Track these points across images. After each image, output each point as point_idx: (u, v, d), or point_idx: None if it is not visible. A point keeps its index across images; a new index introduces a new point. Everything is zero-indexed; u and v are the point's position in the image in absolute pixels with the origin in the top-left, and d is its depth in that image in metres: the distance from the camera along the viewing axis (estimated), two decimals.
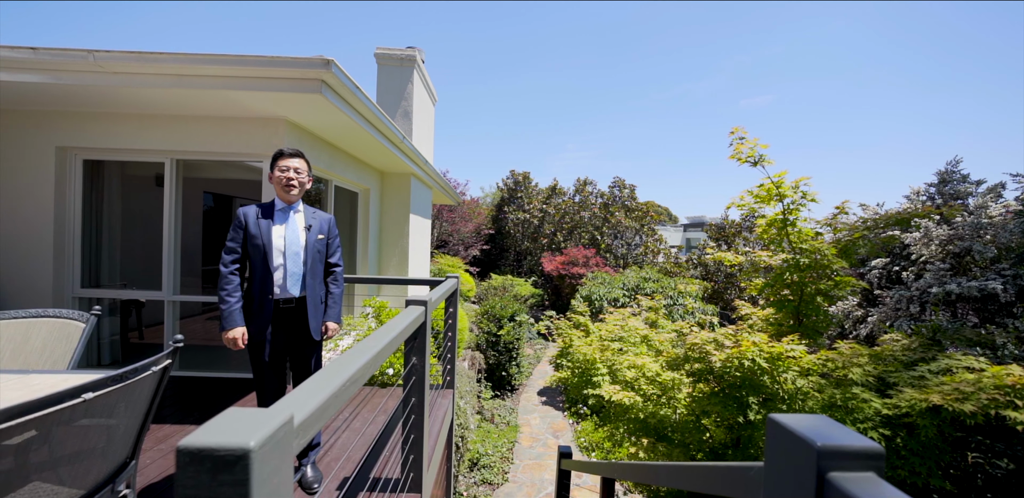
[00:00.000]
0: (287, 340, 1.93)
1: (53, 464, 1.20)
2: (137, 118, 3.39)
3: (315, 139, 3.90)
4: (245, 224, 1.85)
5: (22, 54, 2.59)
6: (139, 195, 4.68)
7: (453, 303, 3.15)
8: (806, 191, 2.60)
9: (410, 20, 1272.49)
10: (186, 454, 0.55)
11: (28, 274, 3.41)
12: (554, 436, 5.48)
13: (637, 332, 3.56)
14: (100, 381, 1.16)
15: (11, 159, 3.39)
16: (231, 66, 2.64)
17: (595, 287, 8.46)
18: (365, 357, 1.05)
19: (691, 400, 2.46)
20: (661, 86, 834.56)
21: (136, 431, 1.43)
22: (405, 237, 5.96)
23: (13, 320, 1.91)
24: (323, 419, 0.79)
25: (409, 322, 1.56)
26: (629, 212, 14.72)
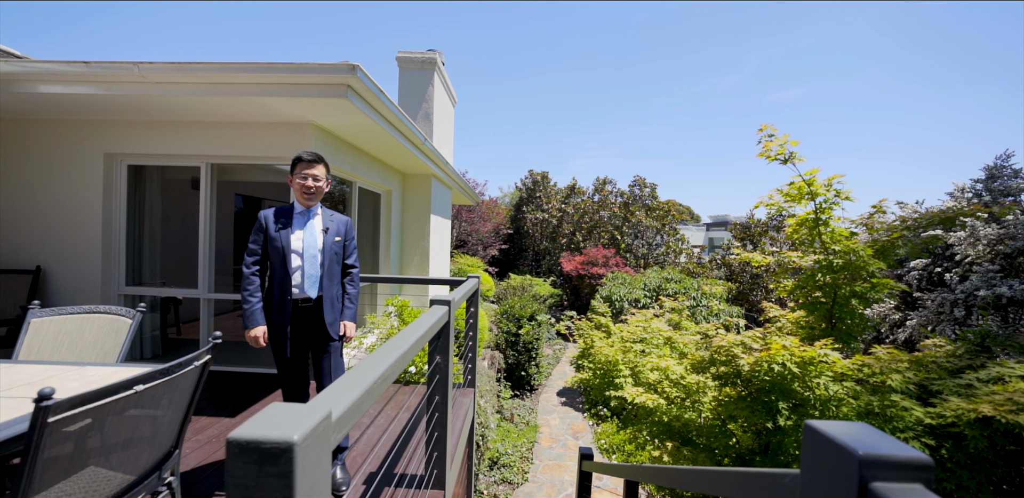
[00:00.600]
0: (307, 339, 1.99)
1: (106, 451, 1.28)
2: (176, 125, 3.57)
3: (340, 142, 4.01)
4: (265, 227, 1.93)
5: (76, 68, 2.77)
6: (176, 198, 4.93)
7: (474, 303, 3.19)
8: (840, 189, 2.49)
9: (427, 21, 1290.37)
10: (235, 446, 0.58)
11: (79, 272, 3.64)
12: (574, 437, 5.45)
13: (660, 334, 3.50)
14: (149, 374, 1.23)
15: (64, 165, 3.63)
16: (262, 73, 2.74)
17: (615, 287, 8.36)
18: (395, 355, 1.08)
19: (717, 404, 2.40)
20: (685, 81, 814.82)
21: (180, 422, 1.51)
22: (426, 237, 6.05)
23: (70, 315, 2.05)
24: (357, 415, 0.82)
25: (434, 321, 1.59)
26: (650, 211, 14.46)
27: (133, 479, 1.36)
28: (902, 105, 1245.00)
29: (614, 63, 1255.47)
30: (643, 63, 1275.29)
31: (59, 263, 3.64)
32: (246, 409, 2.92)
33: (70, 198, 3.63)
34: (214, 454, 2.33)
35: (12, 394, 1.41)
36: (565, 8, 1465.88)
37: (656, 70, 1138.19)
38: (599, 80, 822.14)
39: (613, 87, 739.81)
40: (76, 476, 1.18)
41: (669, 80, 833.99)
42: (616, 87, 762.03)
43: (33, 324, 1.99)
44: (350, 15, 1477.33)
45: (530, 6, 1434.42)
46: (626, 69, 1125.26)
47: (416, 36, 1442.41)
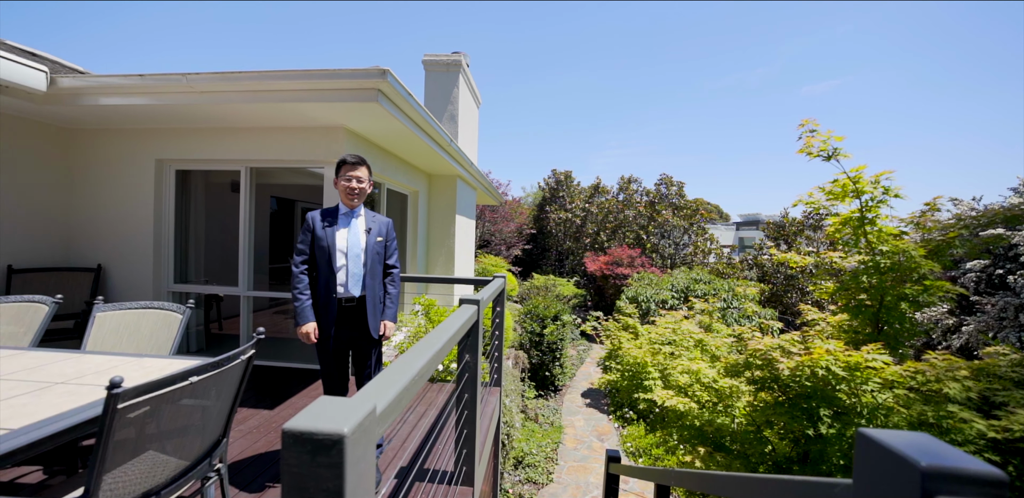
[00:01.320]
0: (349, 337, 2.06)
1: (162, 437, 1.37)
2: (219, 131, 3.78)
3: (369, 145, 4.12)
4: (312, 228, 2.01)
5: (132, 80, 2.98)
6: (218, 200, 5.21)
7: (500, 302, 3.21)
8: (888, 186, 2.33)
9: (451, 21, 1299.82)
10: (289, 436, 0.62)
11: (134, 270, 3.91)
12: (599, 439, 5.39)
13: (691, 336, 3.41)
14: (202, 366, 1.32)
15: (121, 171, 3.91)
16: (298, 80, 2.86)
17: (641, 288, 8.20)
18: (430, 353, 1.11)
19: (752, 409, 2.31)
20: (712, 76, 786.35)
21: (227, 412, 1.60)
22: (451, 237, 6.13)
23: (129, 311, 2.21)
24: (398, 410, 0.85)
25: (464, 320, 1.61)
26: (677, 210, 14.09)
27: (187, 464, 1.45)
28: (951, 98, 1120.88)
29: (637, 60, 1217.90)
30: (668, 59, 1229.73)
31: (117, 261, 3.93)
32: (284, 402, 3.05)
33: (126, 201, 3.91)
34: (255, 444, 2.45)
35: (83, 382, 1.54)
36: (589, 7, 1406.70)
37: (682, 65, 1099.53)
38: (623, 78, 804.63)
39: (637, 84, 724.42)
40: (138, 459, 1.28)
41: (695, 75, 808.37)
42: (640, 84, 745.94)
43: (98, 318, 2.16)
44: (374, 16, 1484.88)
45: (554, 6, 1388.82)
46: (650, 66, 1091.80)
47: (439, 37, 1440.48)
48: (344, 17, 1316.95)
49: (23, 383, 1.50)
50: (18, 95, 3.04)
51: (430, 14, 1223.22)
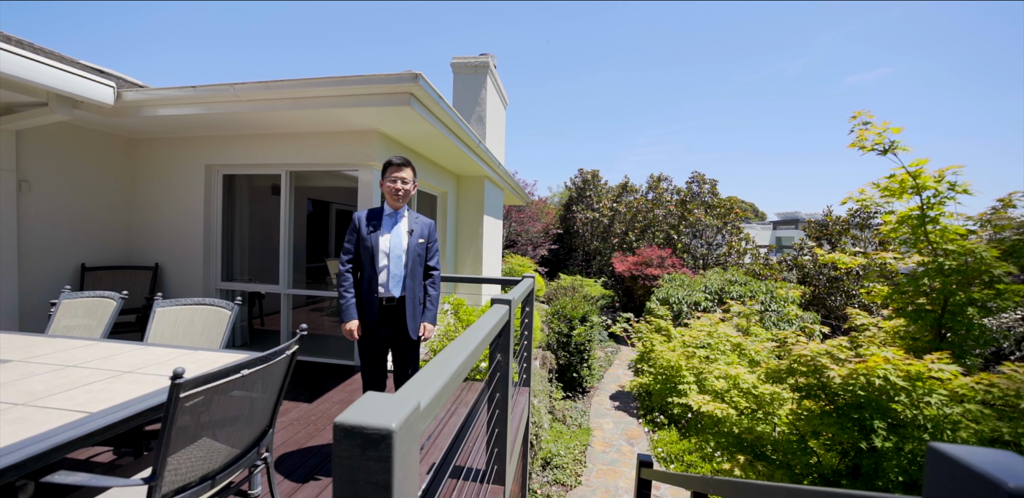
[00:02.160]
0: (389, 336, 2.11)
1: (215, 426, 1.45)
2: (261, 138, 3.98)
3: (401, 147, 4.22)
4: (358, 228, 2.07)
5: (185, 92, 3.19)
6: (259, 203, 5.48)
7: (530, 303, 3.20)
8: (954, 182, 2.14)
9: (477, 22, 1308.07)
10: (341, 429, 0.64)
11: (186, 269, 4.19)
12: (628, 443, 5.28)
13: (728, 339, 3.27)
14: (252, 360, 1.39)
15: (174, 177, 4.20)
16: (335, 86, 2.96)
17: (672, 289, 7.96)
18: (467, 352, 1.12)
19: (795, 418, 2.19)
20: (747, 67, 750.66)
21: (273, 404, 1.68)
22: (479, 237, 6.18)
23: (184, 306, 2.37)
24: (438, 407, 0.86)
25: (497, 320, 1.62)
26: (710, 209, 13.60)
27: (237, 452, 1.53)
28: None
29: (667, 55, 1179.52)
30: (698, 53, 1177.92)
31: (172, 260, 4.22)
32: (321, 396, 3.18)
33: (179, 205, 4.19)
34: (296, 435, 2.56)
35: (147, 371, 1.66)
36: (616, 7, 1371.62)
37: (713, 59, 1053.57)
38: (651, 76, 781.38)
39: (666, 81, 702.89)
40: (195, 445, 1.36)
41: (728, 68, 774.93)
42: (669, 80, 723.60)
43: (158, 312, 2.33)
44: (400, 16, 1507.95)
45: (580, 6, 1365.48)
46: (680, 60, 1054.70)
47: (466, 38, 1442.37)
48: (369, 16, 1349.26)
49: (98, 371, 1.64)
50: (90, 109, 3.32)
51: (457, 14, 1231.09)
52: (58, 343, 2.00)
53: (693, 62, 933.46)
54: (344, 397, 3.15)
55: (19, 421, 1.21)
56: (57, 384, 1.50)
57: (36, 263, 3.55)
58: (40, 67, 2.74)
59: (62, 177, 3.72)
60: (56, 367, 1.67)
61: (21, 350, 1.86)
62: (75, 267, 3.82)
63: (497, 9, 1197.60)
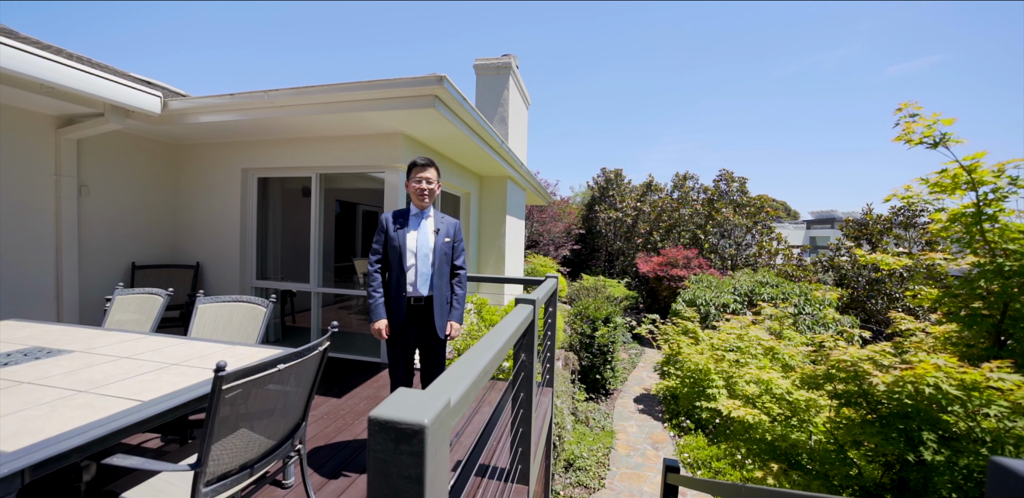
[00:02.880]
0: (416, 334, 2.14)
1: (252, 417, 1.52)
2: (293, 141, 4.14)
3: (425, 149, 4.30)
4: (386, 228, 2.12)
5: (224, 100, 3.36)
6: (291, 204, 5.70)
7: (553, 303, 3.19)
8: (1016, 176, 1.96)
9: (498, 22, 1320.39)
10: (375, 423, 0.66)
11: (224, 268, 4.41)
12: (653, 447, 5.17)
13: (759, 343, 3.14)
14: (288, 355, 1.45)
15: (213, 180, 4.43)
16: (363, 91, 3.05)
17: (700, 291, 7.74)
18: (493, 350, 1.13)
19: (834, 426, 2.08)
20: (780, 61, 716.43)
21: (305, 398, 1.75)
22: (502, 238, 6.21)
23: (223, 303, 2.49)
24: (467, 404, 0.87)
25: (522, 320, 1.62)
26: (739, 208, 13.14)
27: (273, 444, 1.60)
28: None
29: (693, 53, 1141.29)
30: (728, 45, 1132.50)
31: (211, 260, 4.45)
32: (350, 391, 3.27)
33: (218, 207, 4.42)
34: (325, 429, 2.65)
35: (191, 364, 1.77)
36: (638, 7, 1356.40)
37: (743, 51, 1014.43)
38: (677, 72, 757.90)
39: (692, 76, 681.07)
40: (234, 435, 1.43)
41: (760, 61, 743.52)
42: (696, 76, 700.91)
43: (200, 309, 2.46)
44: (422, 15, 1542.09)
45: (604, 5, 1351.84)
46: (708, 54, 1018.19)
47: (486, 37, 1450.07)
48: (389, 16, 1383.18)
49: (148, 363, 1.75)
50: (140, 117, 3.55)
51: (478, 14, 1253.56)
52: (114, 336, 2.15)
53: (721, 58, 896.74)
54: (371, 393, 3.23)
55: (83, 407, 1.31)
56: (114, 374, 1.62)
57: (93, 261, 3.82)
58: (99, 81, 2.95)
59: (115, 182, 3.99)
60: (112, 358, 1.80)
61: (83, 342, 2.01)
62: (126, 265, 4.09)
63: (518, 9, 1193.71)
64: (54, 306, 3.58)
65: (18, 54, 2.52)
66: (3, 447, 1.04)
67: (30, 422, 1.19)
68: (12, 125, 3.31)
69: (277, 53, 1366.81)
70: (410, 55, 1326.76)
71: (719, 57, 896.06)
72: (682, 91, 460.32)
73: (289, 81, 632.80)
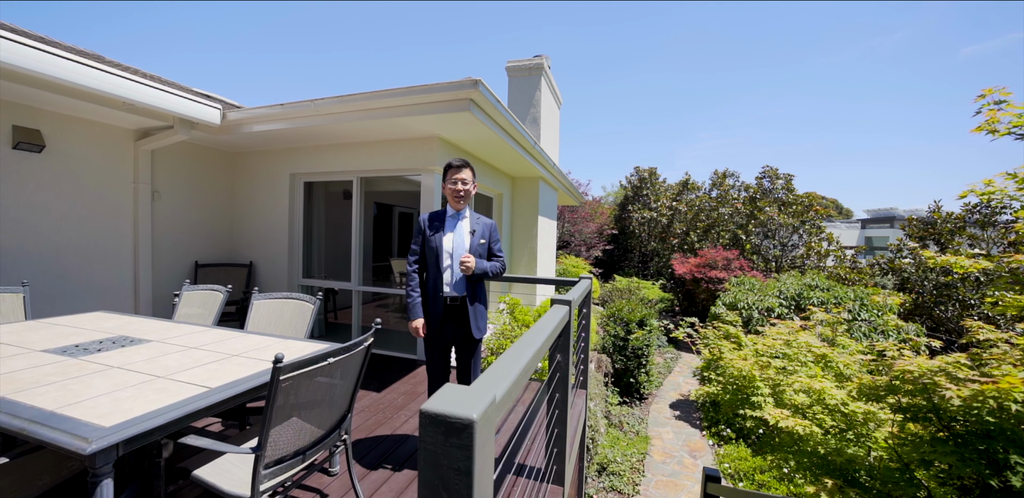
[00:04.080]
0: (453, 334, 2.19)
1: (303, 407, 1.62)
2: (336, 147, 4.36)
3: (460, 152, 4.39)
4: (423, 230, 2.19)
5: (275, 110, 3.59)
6: (333, 207, 5.99)
7: (587, 304, 3.17)
8: None
9: (530, 23, 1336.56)
10: (426, 416, 0.69)
11: (274, 266, 4.71)
12: (690, 455, 4.99)
13: (810, 350, 2.95)
14: (337, 349, 1.53)
15: (265, 185, 4.74)
16: (401, 97, 3.16)
17: (741, 294, 7.38)
18: (532, 349, 1.15)
19: (898, 443, 1.92)
20: (832, 48, 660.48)
21: (351, 391, 1.84)
22: (534, 238, 6.22)
23: (275, 300, 2.67)
24: (510, 401, 0.90)
25: (559, 320, 1.63)
26: (784, 206, 12.40)
27: (322, 433, 1.70)
28: None
29: (733, 40, 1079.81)
30: (769, 35, 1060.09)
31: (263, 259, 4.77)
32: (389, 386, 3.40)
33: (269, 210, 4.73)
34: (366, 422, 2.76)
35: (249, 355, 1.91)
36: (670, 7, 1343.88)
37: (787, 40, 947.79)
38: (712, 68, 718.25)
39: (732, 64, 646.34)
40: (287, 423, 1.54)
41: (806, 49, 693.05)
42: (736, 63, 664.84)
43: (255, 305, 2.65)
44: (455, 15, 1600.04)
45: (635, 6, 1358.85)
46: (747, 45, 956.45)
47: (517, 39, 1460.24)
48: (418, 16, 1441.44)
49: (212, 353, 1.92)
50: (202, 128, 3.87)
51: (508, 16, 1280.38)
52: (183, 328, 2.36)
53: (762, 50, 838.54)
54: (409, 388, 3.34)
55: (161, 391, 1.45)
56: (184, 362, 1.78)
57: (164, 260, 4.21)
58: (171, 97, 3.25)
59: (180, 188, 4.37)
60: (183, 348, 1.98)
61: (158, 332, 2.23)
62: (190, 264, 4.47)
63: (549, 9, 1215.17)
64: (132, 300, 3.97)
65: (106, 76, 2.83)
66: (102, 422, 1.18)
67: (120, 402, 1.34)
68: (99, 138, 3.71)
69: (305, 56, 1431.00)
70: (440, 58, 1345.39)
71: (760, 49, 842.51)
72: (720, 85, 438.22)
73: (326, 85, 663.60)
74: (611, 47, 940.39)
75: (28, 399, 1.32)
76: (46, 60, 2.56)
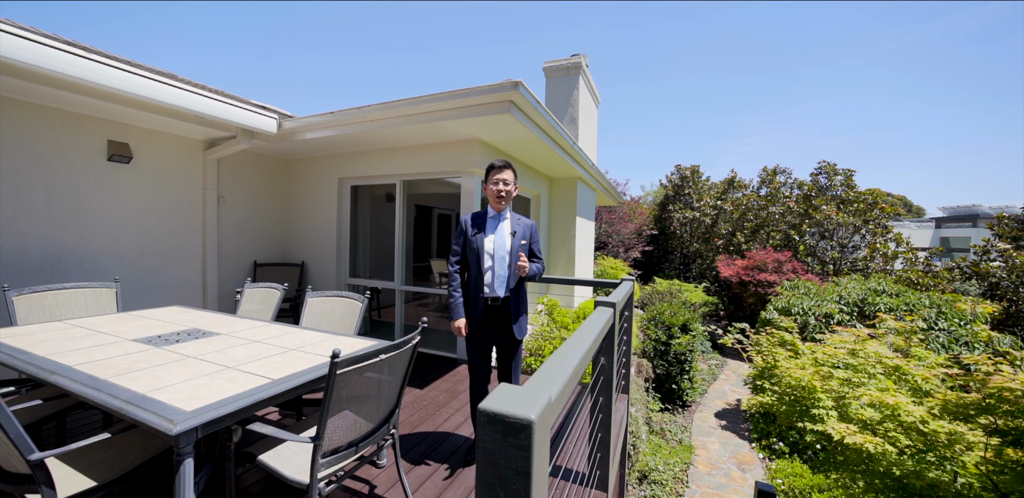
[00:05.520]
0: (494, 334, 2.21)
1: (354, 401, 1.69)
2: (380, 152, 4.54)
3: (499, 153, 4.43)
4: (465, 230, 2.22)
5: (326, 118, 3.79)
6: (376, 209, 6.25)
7: (629, 307, 3.08)
8: None
9: (569, 23, 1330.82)
10: (484, 415, 0.70)
11: (323, 266, 4.98)
12: (739, 468, 4.72)
13: (880, 361, 2.68)
14: (388, 346, 1.59)
15: (315, 189, 5.03)
16: (444, 101, 3.23)
17: (795, 298, 6.88)
18: (581, 352, 1.13)
19: (994, 470, 1.70)
20: (900, 28, 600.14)
21: (398, 387, 1.90)
22: (571, 239, 6.15)
23: (327, 298, 2.82)
24: (562, 402, 0.89)
25: (604, 323, 1.60)
26: (843, 204, 11.45)
27: (372, 427, 1.77)
28: None
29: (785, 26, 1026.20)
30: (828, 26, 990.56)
31: (313, 259, 5.05)
32: (431, 383, 3.49)
33: (319, 212, 5.01)
34: (410, 418, 2.84)
35: (305, 350, 2.03)
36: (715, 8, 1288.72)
37: (846, 24, 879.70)
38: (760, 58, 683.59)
39: (781, 53, 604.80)
40: (341, 415, 1.61)
41: (869, 32, 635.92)
42: (785, 52, 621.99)
43: (308, 302, 2.82)
44: (492, 16, 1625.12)
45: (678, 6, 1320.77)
46: (801, 31, 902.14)
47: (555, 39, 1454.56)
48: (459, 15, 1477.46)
49: (273, 346, 2.05)
50: (260, 137, 4.16)
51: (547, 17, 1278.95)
52: (245, 322, 2.55)
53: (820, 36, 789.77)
54: (450, 387, 3.41)
55: (231, 380, 1.57)
56: (249, 354, 1.92)
57: (228, 260, 4.57)
58: (235, 109, 3.53)
59: (241, 193, 4.73)
60: (247, 341, 2.13)
61: (225, 326, 2.42)
62: (250, 263, 4.82)
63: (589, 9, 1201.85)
64: (201, 296, 4.34)
65: (182, 93, 3.12)
66: (184, 407, 1.30)
67: (198, 389, 1.46)
68: (175, 149, 4.10)
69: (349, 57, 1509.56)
70: (476, 59, 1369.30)
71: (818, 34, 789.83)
72: (772, 75, 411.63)
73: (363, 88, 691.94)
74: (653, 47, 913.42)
75: (124, 383, 1.48)
76: (134, 81, 2.87)
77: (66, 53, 2.51)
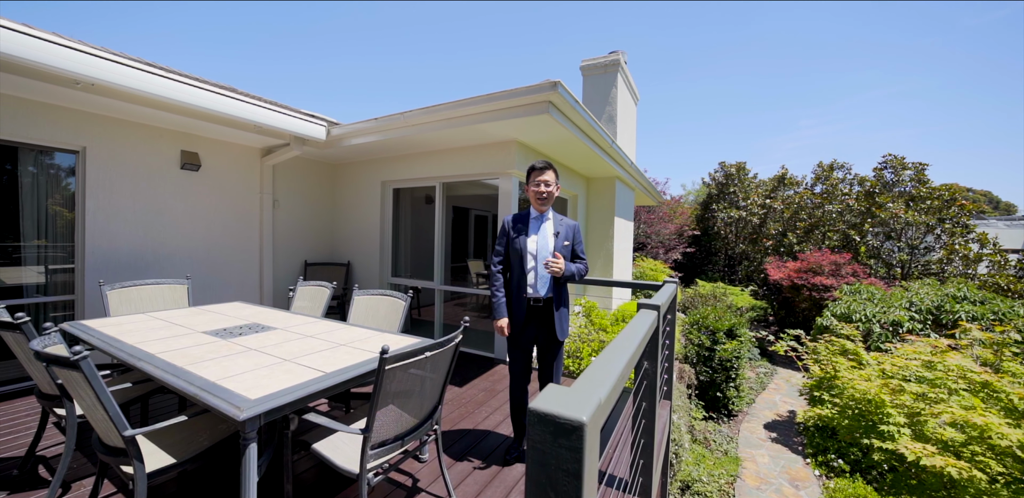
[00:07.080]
0: (536, 334, 2.21)
1: (399, 396, 1.75)
2: (420, 155, 4.67)
3: (537, 154, 4.42)
4: (508, 231, 2.24)
5: (370, 124, 3.96)
6: (416, 211, 6.44)
7: (672, 310, 2.97)
8: None
9: (609, 23, 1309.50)
10: (535, 415, 0.70)
11: (367, 266, 5.20)
12: (791, 484, 4.40)
13: (965, 375, 2.39)
14: (433, 344, 1.64)
15: (360, 192, 5.27)
16: (482, 104, 3.28)
17: (856, 304, 6.33)
18: (626, 355, 1.10)
19: None
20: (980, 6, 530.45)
21: (441, 384, 1.95)
22: (609, 239, 6.03)
23: (371, 296, 2.94)
24: (610, 405, 0.87)
25: (648, 325, 1.55)
26: (914, 202, 10.41)
27: (416, 422, 1.82)
28: None
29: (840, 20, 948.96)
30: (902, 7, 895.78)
31: (358, 259, 5.29)
32: (470, 381, 3.54)
33: (363, 214, 5.24)
34: (450, 415, 2.90)
35: (354, 346, 2.13)
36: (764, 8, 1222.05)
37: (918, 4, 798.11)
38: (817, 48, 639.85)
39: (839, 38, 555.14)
40: (387, 409, 1.67)
41: (948, 9, 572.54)
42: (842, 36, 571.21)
43: (355, 300, 2.95)
44: (530, 17, 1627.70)
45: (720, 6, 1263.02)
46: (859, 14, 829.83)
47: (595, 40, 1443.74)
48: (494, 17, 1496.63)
49: (324, 342, 2.17)
50: (311, 144, 4.42)
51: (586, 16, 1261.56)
52: (299, 318, 2.71)
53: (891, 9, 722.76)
54: (488, 385, 3.44)
55: (288, 372, 1.68)
56: (303, 348, 2.04)
57: (281, 259, 4.90)
58: (289, 119, 3.78)
59: (293, 196, 5.04)
60: (301, 336, 2.27)
61: (281, 321, 2.59)
62: (301, 262, 5.13)
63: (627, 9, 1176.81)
64: (258, 293, 4.68)
65: (244, 105, 3.38)
66: (249, 395, 1.41)
67: (260, 380, 1.58)
68: (236, 157, 4.44)
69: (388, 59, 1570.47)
70: (509, 61, 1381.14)
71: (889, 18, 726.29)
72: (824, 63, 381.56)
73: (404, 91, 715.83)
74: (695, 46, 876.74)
75: (197, 371, 1.62)
76: (202, 95, 3.15)
77: (150, 74, 2.80)
